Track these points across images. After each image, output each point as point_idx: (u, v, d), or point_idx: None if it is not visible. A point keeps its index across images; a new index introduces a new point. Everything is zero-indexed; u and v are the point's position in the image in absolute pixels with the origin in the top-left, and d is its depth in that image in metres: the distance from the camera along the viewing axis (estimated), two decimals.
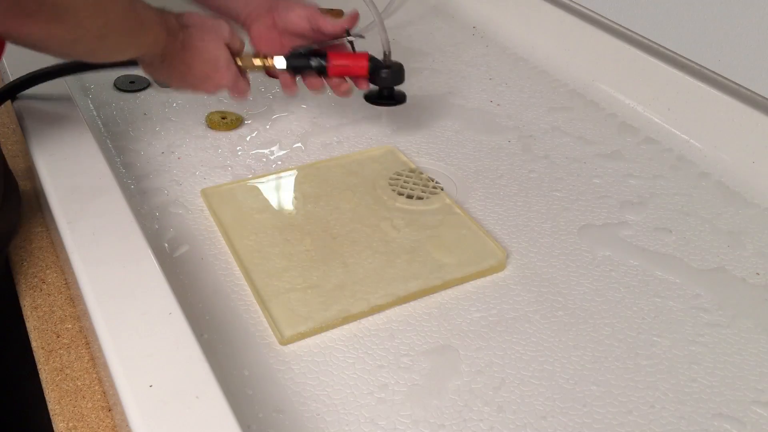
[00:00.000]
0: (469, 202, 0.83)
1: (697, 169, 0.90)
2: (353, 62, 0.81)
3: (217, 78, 0.77)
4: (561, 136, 0.95)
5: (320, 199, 0.80)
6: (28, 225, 0.77)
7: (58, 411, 0.59)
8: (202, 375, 0.51)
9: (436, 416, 0.58)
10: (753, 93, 0.87)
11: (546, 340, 0.66)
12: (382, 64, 0.82)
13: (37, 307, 0.68)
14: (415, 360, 0.63)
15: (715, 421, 0.59)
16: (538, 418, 0.59)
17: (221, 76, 0.77)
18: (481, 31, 1.22)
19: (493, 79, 1.08)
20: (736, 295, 0.72)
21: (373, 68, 0.81)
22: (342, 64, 0.81)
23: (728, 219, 0.82)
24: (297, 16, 0.82)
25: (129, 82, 1.00)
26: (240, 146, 0.90)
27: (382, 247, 0.74)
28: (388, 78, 0.82)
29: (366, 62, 0.81)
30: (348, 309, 0.66)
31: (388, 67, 0.82)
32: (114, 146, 0.88)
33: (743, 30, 0.86)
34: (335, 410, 0.58)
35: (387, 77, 0.82)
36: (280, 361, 0.62)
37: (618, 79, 1.03)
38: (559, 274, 0.73)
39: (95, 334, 0.54)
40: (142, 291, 0.57)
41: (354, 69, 0.81)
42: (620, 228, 0.80)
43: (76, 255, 0.60)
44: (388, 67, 0.82)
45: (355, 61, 0.81)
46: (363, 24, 1.20)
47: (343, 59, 0.81)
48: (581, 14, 1.09)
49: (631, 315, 0.69)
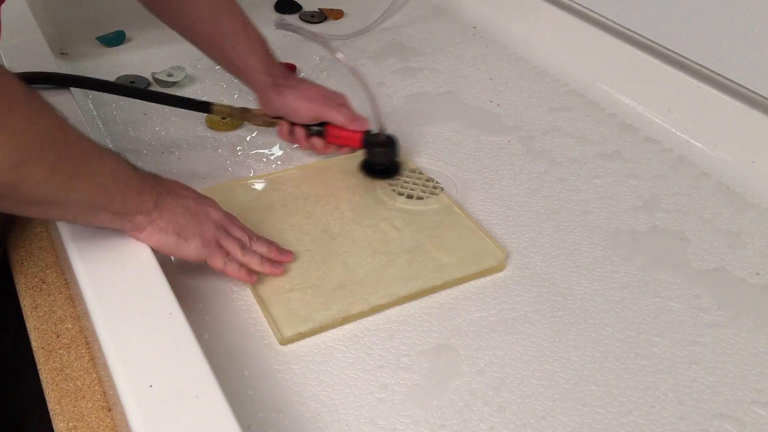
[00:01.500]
0: (469, 202, 0.83)
1: (697, 169, 0.90)
2: (349, 135, 0.84)
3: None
4: (561, 136, 0.95)
5: (320, 199, 0.80)
6: (28, 225, 0.77)
7: (58, 411, 0.59)
8: (202, 375, 0.51)
9: (436, 416, 0.58)
10: (753, 93, 0.87)
11: (546, 340, 0.66)
12: (375, 141, 0.84)
13: (37, 307, 0.68)
14: (415, 360, 0.63)
15: (715, 421, 0.59)
16: (538, 418, 0.59)
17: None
18: (481, 31, 1.22)
19: (493, 79, 1.08)
20: (736, 295, 0.72)
21: (366, 143, 0.84)
22: (338, 136, 0.84)
23: (728, 219, 0.82)
24: (304, 111, 0.83)
25: (129, 83, 1.00)
26: (240, 146, 0.90)
27: (382, 247, 0.74)
28: (381, 155, 0.85)
29: (359, 136, 0.84)
30: (348, 309, 0.66)
31: (381, 145, 0.84)
32: (114, 146, 0.88)
33: (743, 30, 0.86)
34: (335, 410, 0.58)
35: (380, 154, 0.84)
36: (280, 361, 0.62)
37: (618, 79, 1.03)
38: (559, 274, 0.73)
39: (95, 334, 0.54)
40: (142, 291, 0.57)
41: (349, 141, 0.85)
42: (620, 228, 0.80)
43: (76, 255, 0.60)
44: (381, 145, 0.84)
45: (350, 135, 0.84)
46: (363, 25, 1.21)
47: (339, 131, 0.84)
48: (581, 14, 1.09)
49: (631, 315, 0.69)
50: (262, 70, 0.82)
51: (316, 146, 0.85)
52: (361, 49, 1.15)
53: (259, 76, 0.83)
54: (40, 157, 0.51)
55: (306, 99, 0.83)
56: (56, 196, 0.54)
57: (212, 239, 0.64)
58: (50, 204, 0.55)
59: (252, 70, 0.83)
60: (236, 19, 0.82)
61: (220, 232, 0.65)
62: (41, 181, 0.51)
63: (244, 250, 0.67)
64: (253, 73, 0.83)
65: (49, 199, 0.54)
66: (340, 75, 1.05)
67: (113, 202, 0.58)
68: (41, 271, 0.72)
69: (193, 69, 1.05)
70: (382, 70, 1.09)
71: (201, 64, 1.06)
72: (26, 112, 0.50)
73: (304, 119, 0.84)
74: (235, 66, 0.84)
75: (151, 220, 0.61)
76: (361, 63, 1.11)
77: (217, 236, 0.65)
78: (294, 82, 0.84)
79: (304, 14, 1.25)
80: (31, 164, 0.50)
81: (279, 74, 0.83)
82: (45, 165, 0.51)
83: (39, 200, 0.53)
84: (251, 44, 0.82)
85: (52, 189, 0.53)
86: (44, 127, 0.52)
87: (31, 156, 0.50)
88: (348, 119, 0.83)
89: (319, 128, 0.84)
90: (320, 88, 0.85)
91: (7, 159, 0.48)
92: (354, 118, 0.83)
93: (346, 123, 0.83)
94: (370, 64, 1.11)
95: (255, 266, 0.67)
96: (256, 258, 0.67)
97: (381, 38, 1.19)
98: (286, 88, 0.83)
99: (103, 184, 0.56)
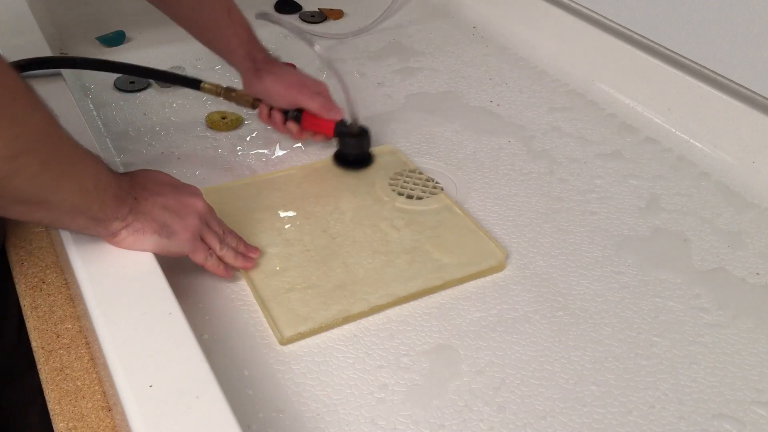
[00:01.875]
0: (469, 202, 0.83)
1: (697, 169, 0.90)
2: (323, 123, 0.86)
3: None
4: (561, 136, 0.95)
5: (320, 199, 0.80)
6: (28, 225, 0.77)
7: (58, 411, 0.59)
8: (202, 375, 0.51)
9: (436, 416, 0.58)
10: (753, 93, 0.87)
11: (546, 340, 0.66)
12: (347, 131, 0.85)
13: (37, 307, 0.68)
14: (415, 360, 0.63)
15: (715, 421, 0.59)
16: (538, 418, 0.59)
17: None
18: (481, 31, 1.22)
19: (493, 79, 1.08)
20: (736, 295, 0.72)
21: (338, 132, 0.85)
22: (312, 123, 0.86)
23: (728, 219, 0.82)
24: (281, 96, 0.86)
25: (129, 82, 1.00)
26: (240, 146, 0.90)
27: (382, 247, 0.74)
28: (352, 145, 0.86)
29: (332, 125, 0.85)
30: (348, 309, 0.66)
31: (352, 136, 0.86)
32: (114, 146, 0.88)
33: (743, 30, 0.86)
34: (335, 410, 0.58)
35: (351, 144, 0.86)
36: (280, 361, 0.62)
37: (618, 79, 1.03)
38: (559, 274, 0.73)
39: (95, 334, 0.54)
40: (142, 291, 0.57)
41: (322, 128, 0.86)
42: (620, 228, 0.80)
43: (76, 255, 0.60)
44: (352, 136, 0.86)
45: (325, 123, 0.86)
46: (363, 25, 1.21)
47: (314, 119, 0.86)
48: (581, 14, 1.09)
49: (631, 315, 0.69)
50: (244, 55, 0.85)
51: (292, 131, 0.87)
52: (361, 49, 1.15)
53: (242, 60, 0.86)
54: (34, 150, 0.50)
55: (283, 85, 0.85)
56: (43, 195, 0.53)
57: (196, 233, 0.64)
58: (35, 204, 0.54)
59: (234, 54, 0.85)
60: (220, 3, 0.84)
61: (203, 225, 0.66)
62: (32, 177, 0.51)
63: (222, 244, 0.67)
64: (235, 57, 0.86)
65: (35, 198, 0.53)
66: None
67: (92, 207, 0.57)
68: (41, 271, 0.72)
69: (193, 69, 1.05)
70: (382, 70, 1.09)
71: (201, 64, 1.06)
72: (25, 104, 0.50)
73: (281, 104, 0.86)
74: (219, 49, 0.87)
75: (127, 224, 0.60)
76: (361, 63, 1.11)
77: (200, 230, 0.65)
78: (275, 67, 0.86)
79: (304, 14, 1.25)
80: (25, 157, 0.50)
81: (261, 59, 0.86)
82: (37, 160, 0.51)
83: (26, 198, 0.53)
84: (234, 29, 0.85)
85: (40, 186, 0.52)
86: (39, 122, 0.52)
87: (26, 148, 0.50)
88: (322, 108, 0.85)
89: (296, 114, 0.86)
90: (300, 75, 0.88)
91: (4, 148, 0.48)
92: (329, 108, 0.85)
93: (320, 111, 0.85)
94: (370, 64, 1.11)
95: (230, 260, 0.68)
96: (231, 252, 0.68)
97: (381, 38, 1.19)
98: (266, 74, 0.85)
99: (85, 187, 0.56)
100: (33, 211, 0.55)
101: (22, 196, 0.52)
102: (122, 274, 0.59)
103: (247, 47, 0.85)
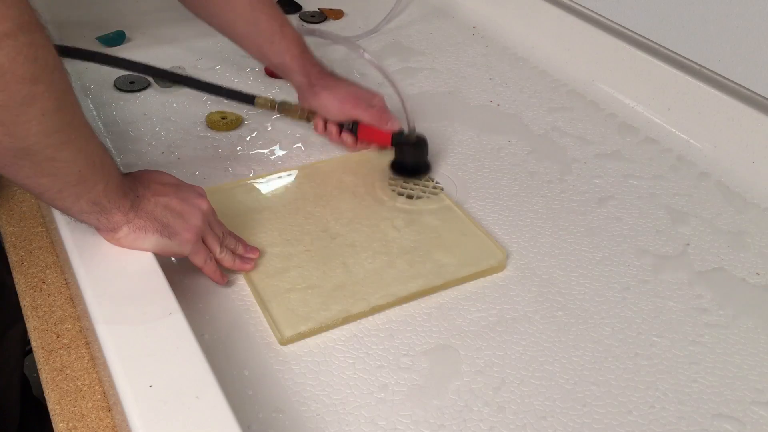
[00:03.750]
0: (469, 202, 0.83)
1: (697, 169, 0.90)
2: (379, 134, 0.86)
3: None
4: (561, 136, 0.95)
5: (320, 199, 0.80)
6: (29, 225, 0.77)
7: (58, 411, 0.59)
8: (202, 375, 0.51)
9: (436, 416, 0.58)
10: (753, 93, 0.87)
11: (546, 340, 0.66)
12: (405, 140, 0.85)
13: (37, 307, 0.68)
14: (415, 360, 0.63)
15: (715, 421, 0.59)
16: (538, 418, 0.59)
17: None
18: (481, 31, 1.22)
19: (493, 79, 1.08)
20: (736, 295, 0.72)
21: (396, 143, 0.85)
22: (369, 134, 0.87)
23: (728, 219, 0.82)
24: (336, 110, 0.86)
25: (129, 82, 1.00)
26: (240, 146, 0.90)
27: (382, 248, 0.74)
28: (410, 154, 0.86)
29: (389, 136, 0.85)
30: (348, 309, 0.66)
31: (410, 145, 0.85)
32: (114, 146, 0.88)
33: (743, 30, 0.86)
34: (335, 410, 0.58)
35: (409, 153, 0.86)
36: (280, 361, 0.62)
37: (618, 79, 1.03)
38: (559, 274, 0.73)
39: (95, 334, 0.54)
40: (142, 291, 0.57)
41: (379, 139, 0.86)
42: (620, 228, 0.80)
43: (76, 255, 0.60)
44: (410, 145, 0.85)
45: (382, 134, 0.86)
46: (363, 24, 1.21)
47: (371, 130, 0.86)
48: (581, 14, 1.09)
49: (631, 315, 0.69)
50: (298, 70, 0.86)
51: (347, 142, 0.88)
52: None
53: (296, 75, 0.87)
54: (52, 82, 0.50)
55: (338, 99, 0.86)
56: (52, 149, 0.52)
57: (198, 235, 0.64)
58: (42, 162, 0.52)
59: (289, 69, 0.87)
60: (273, 19, 0.85)
61: (205, 227, 0.65)
62: (47, 113, 0.50)
63: (221, 247, 0.67)
64: (290, 73, 0.87)
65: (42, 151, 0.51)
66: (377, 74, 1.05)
67: (97, 185, 0.56)
68: (41, 271, 0.72)
69: (193, 69, 1.05)
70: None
71: (201, 64, 1.06)
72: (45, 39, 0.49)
73: (337, 117, 0.87)
74: (274, 65, 0.89)
75: (128, 220, 0.60)
76: (361, 63, 1.11)
77: (203, 231, 0.65)
78: (329, 81, 0.87)
79: (304, 14, 1.25)
80: (43, 85, 0.49)
81: (315, 73, 0.87)
82: (53, 95, 0.50)
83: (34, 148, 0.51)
84: (287, 44, 0.86)
85: (51, 129, 0.51)
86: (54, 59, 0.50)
87: (44, 77, 0.49)
88: (378, 120, 0.85)
89: (351, 125, 0.87)
90: (354, 88, 0.88)
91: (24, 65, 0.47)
92: (385, 120, 0.85)
93: (376, 123, 0.85)
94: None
95: (227, 264, 0.68)
96: (229, 255, 0.68)
97: (381, 38, 1.19)
98: (321, 88, 0.86)
99: (92, 159, 0.55)
100: (39, 174, 0.53)
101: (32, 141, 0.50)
102: (122, 274, 0.59)
103: (300, 62, 0.86)
